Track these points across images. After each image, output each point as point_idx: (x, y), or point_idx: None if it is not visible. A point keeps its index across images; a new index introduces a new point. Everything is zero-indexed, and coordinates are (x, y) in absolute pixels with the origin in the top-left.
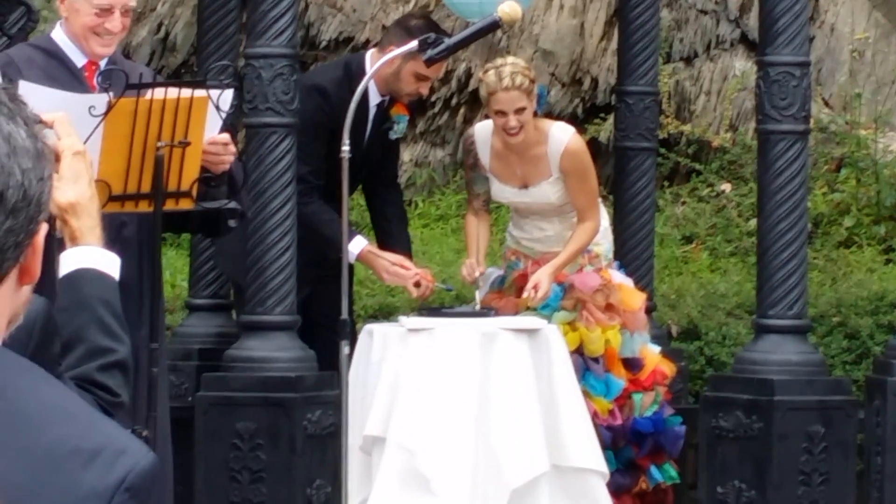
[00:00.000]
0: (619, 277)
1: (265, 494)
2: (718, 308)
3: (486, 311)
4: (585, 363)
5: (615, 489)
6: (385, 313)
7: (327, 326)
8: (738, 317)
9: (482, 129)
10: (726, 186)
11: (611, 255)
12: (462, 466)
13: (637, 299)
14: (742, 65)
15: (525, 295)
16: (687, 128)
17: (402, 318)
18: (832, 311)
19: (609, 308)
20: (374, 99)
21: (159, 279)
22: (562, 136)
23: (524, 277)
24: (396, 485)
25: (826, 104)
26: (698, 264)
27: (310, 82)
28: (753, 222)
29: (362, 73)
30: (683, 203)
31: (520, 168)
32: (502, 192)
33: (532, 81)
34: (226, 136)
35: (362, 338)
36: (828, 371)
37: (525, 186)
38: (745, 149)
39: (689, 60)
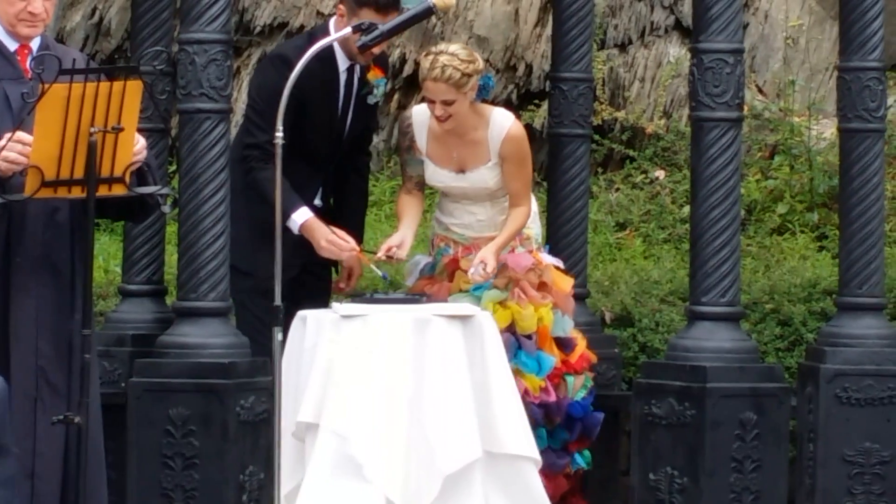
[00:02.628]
0: (549, 259)
1: (198, 480)
2: (652, 295)
3: (418, 297)
4: (518, 341)
5: (549, 467)
6: None
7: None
8: (672, 304)
9: (420, 112)
10: (660, 173)
11: (540, 239)
12: (395, 453)
13: (567, 282)
14: (676, 51)
15: (472, 271)
16: (621, 114)
17: (336, 305)
18: (765, 298)
19: (542, 287)
20: (343, 64)
21: (91, 265)
22: (504, 121)
23: (456, 262)
24: (329, 471)
25: (760, 91)
26: (632, 251)
27: (274, 53)
28: (687, 209)
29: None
30: (617, 190)
31: (458, 152)
32: (437, 175)
33: (467, 75)
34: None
35: (295, 324)
36: (760, 358)
37: (462, 171)
38: (679, 136)
39: (623, 47)
